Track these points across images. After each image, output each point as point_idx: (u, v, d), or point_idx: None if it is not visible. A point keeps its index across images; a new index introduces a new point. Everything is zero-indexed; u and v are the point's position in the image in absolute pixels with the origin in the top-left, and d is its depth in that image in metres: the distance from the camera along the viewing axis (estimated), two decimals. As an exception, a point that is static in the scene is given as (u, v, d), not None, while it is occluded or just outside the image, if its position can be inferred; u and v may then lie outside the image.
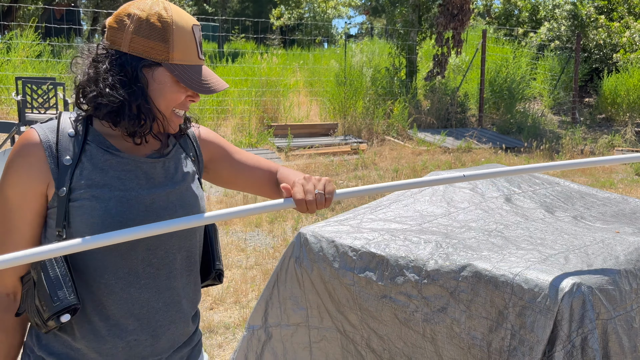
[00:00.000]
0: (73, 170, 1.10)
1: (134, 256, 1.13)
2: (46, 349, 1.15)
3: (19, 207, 1.11)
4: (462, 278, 1.55)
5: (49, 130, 1.13)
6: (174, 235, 1.17)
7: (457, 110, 11.14)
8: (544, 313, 1.35)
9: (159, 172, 1.19)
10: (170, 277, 1.19)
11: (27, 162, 1.10)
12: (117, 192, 1.12)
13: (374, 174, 7.40)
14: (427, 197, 2.34)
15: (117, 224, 1.10)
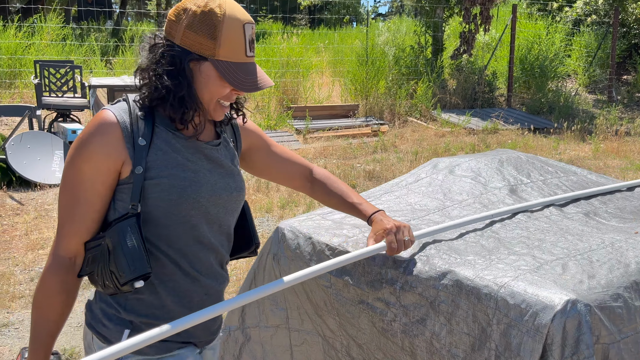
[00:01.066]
0: (147, 151, 1.21)
1: (200, 228, 1.28)
2: (133, 312, 1.26)
3: (92, 180, 1.20)
4: (442, 287, 1.35)
5: (122, 111, 1.23)
6: (227, 212, 1.33)
7: (484, 90, 10.70)
8: (532, 334, 1.14)
9: (217, 156, 1.32)
10: (222, 246, 1.36)
11: (104, 140, 1.19)
12: (189, 173, 1.25)
13: (393, 157, 7.15)
14: (423, 187, 2.13)
15: (191, 200, 1.24)
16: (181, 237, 1.26)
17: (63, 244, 1.22)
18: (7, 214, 5.07)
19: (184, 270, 1.29)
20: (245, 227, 1.47)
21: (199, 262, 1.31)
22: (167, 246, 1.26)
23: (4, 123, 8.05)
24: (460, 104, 10.32)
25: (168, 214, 1.23)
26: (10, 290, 3.68)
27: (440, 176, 2.21)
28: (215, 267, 1.35)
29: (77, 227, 1.21)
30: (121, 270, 1.16)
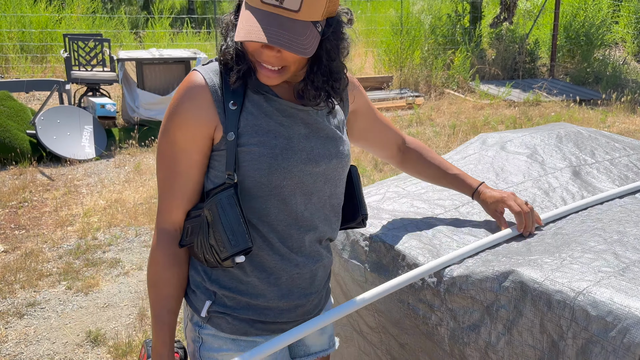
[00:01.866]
0: (239, 116, 1.12)
1: (293, 201, 1.15)
2: (217, 283, 1.19)
3: (187, 149, 1.12)
4: (502, 289, 1.13)
5: (213, 73, 1.14)
6: (328, 182, 1.20)
7: (525, 60, 10.18)
8: (620, 355, 0.92)
9: (316, 119, 1.19)
10: (322, 220, 1.22)
11: (194, 105, 1.11)
12: (281, 139, 1.13)
13: (429, 130, 6.85)
14: (471, 164, 1.89)
15: (282, 170, 1.12)
16: (272, 210, 1.14)
17: (166, 217, 1.18)
18: (37, 189, 5.04)
19: (274, 247, 1.17)
20: (351, 196, 1.33)
21: (290, 238, 1.17)
22: (258, 219, 1.15)
23: (37, 98, 8.05)
24: (500, 74, 9.86)
25: (259, 185, 1.12)
26: (38, 269, 3.63)
27: (490, 152, 1.97)
28: (311, 243, 1.21)
29: (178, 199, 1.16)
30: (221, 244, 1.09)
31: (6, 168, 5.49)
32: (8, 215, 4.49)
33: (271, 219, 1.15)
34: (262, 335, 1.21)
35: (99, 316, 3.11)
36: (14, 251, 3.88)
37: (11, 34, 9.17)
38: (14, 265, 3.64)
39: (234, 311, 1.19)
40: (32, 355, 2.75)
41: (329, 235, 1.25)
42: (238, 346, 1.20)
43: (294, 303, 1.22)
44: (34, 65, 9.12)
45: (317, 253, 1.23)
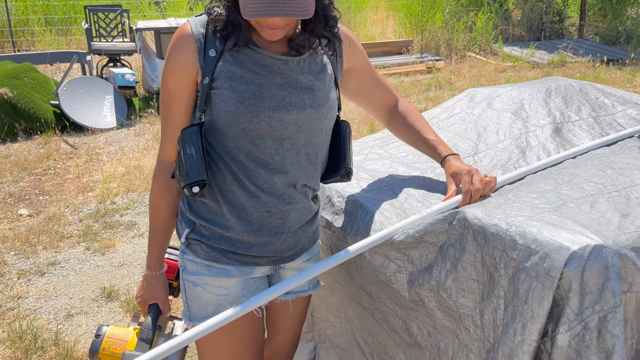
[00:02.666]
0: (216, 62, 1.21)
1: (262, 144, 1.23)
2: (196, 214, 1.31)
3: (175, 93, 1.25)
4: (451, 228, 1.18)
5: (200, 24, 1.24)
6: (301, 130, 1.25)
7: (552, 20, 9.86)
8: (541, 280, 0.96)
9: (293, 70, 1.25)
10: (295, 167, 1.28)
11: (181, 52, 1.22)
12: (251, 86, 1.21)
13: (448, 94, 6.77)
14: (455, 124, 1.91)
15: (248, 113, 1.20)
16: (242, 150, 1.24)
17: (163, 150, 1.33)
18: (61, 157, 5.24)
19: (243, 184, 1.26)
20: (337, 150, 1.39)
21: (260, 178, 1.26)
22: (229, 157, 1.25)
23: (61, 70, 8.26)
24: (525, 35, 9.59)
25: (229, 126, 1.22)
26: (60, 231, 3.81)
27: (476, 110, 1.97)
28: (281, 186, 1.28)
29: (170, 135, 1.30)
30: (181, 175, 1.22)
31: (32, 137, 5.71)
32: (33, 182, 4.70)
33: (242, 158, 1.24)
34: (233, 265, 1.32)
35: (114, 274, 3.28)
36: (37, 215, 4.08)
37: (36, 8, 9.36)
38: (37, 228, 3.84)
39: (209, 240, 1.30)
40: (51, 309, 2.94)
41: (304, 182, 1.32)
42: (211, 272, 1.32)
43: (264, 240, 1.31)
44: (58, 38, 9.32)
45: (289, 196, 1.30)
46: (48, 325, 2.79)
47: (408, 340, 1.41)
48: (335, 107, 1.33)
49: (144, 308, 1.45)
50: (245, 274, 1.34)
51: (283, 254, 1.36)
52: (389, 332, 1.50)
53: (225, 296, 1.33)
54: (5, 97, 5.57)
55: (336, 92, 1.34)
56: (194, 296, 1.34)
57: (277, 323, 1.55)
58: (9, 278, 3.23)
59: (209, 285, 1.32)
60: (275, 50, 1.25)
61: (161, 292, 1.43)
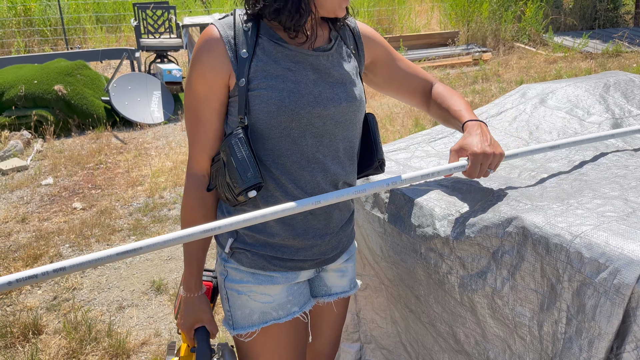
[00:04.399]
0: (250, 62, 1.18)
1: (303, 143, 1.21)
2: None
3: (207, 98, 1.21)
4: (506, 235, 1.14)
5: (227, 25, 1.22)
6: (338, 124, 1.25)
7: (607, 8, 9.44)
8: (611, 296, 0.92)
9: (325, 64, 1.24)
10: (335, 163, 1.26)
11: (211, 56, 1.19)
12: (289, 84, 1.19)
13: (495, 87, 6.60)
14: (506, 122, 1.84)
15: (289, 112, 1.18)
16: (284, 151, 1.21)
17: (194, 163, 1.28)
18: (112, 152, 5.39)
19: (286, 189, 1.24)
20: (368, 142, 1.36)
21: (303, 179, 1.23)
22: (271, 161, 1.22)
23: (112, 66, 8.50)
24: (577, 25, 9.22)
25: (270, 127, 1.19)
26: (111, 224, 3.93)
27: (528, 107, 1.90)
28: (324, 185, 1.26)
29: (202, 146, 1.25)
30: (234, 181, 1.17)
31: (84, 133, 5.90)
32: (86, 176, 4.86)
33: (284, 160, 1.22)
34: (279, 271, 1.30)
35: (162, 267, 3.36)
36: (90, 209, 4.22)
37: (87, 6, 9.65)
38: (90, 221, 3.97)
39: (253, 247, 1.28)
40: (104, 300, 3.04)
41: (344, 179, 1.29)
42: (257, 279, 1.30)
43: (309, 242, 1.29)
44: (108, 35, 9.58)
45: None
46: (101, 317, 2.88)
47: (455, 346, 1.38)
48: (364, 99, 1.32)
49: (189, 334, 1.37)
50: (290, 280, 1.32)
51: (327, 256, 1.35)
52: (435, 336, 1.47)
53: (271, 303, 1.31)
54: (59, 94, 5.78)
55: (361, 84, 1.33)
56: (237, 304, 1.32)
57: (320, 325, 1.54)
58: (64, 270, 3.36)
59: (254, 292, 1.30)
60: (306, 46, 1.24)
61: (207, 313, 1.36)
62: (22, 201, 4.36)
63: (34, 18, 9.03)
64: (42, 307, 2.98)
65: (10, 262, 3.42)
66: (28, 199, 4.40)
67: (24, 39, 8.95)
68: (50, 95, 5.76)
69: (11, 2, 9.10)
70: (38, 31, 9.02)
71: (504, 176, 1.48)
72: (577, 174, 1.34)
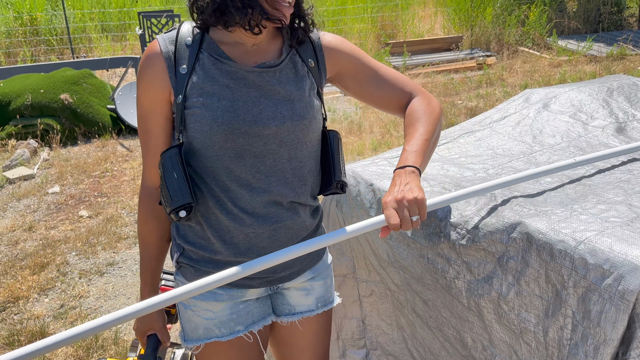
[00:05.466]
0: (188, 79, 1.16)
1: (241, 163, 1.17)
2: (183, 238, 1.27)
3: (152, 113, 1.21)
4: (511, 240, 1.14)
5: (169, 40, 1.19)
6: (283, 144, 1.19)
7: (611, 11, 9.43)
8: (616, 302, 0.92)
9: (270, 81, 1.19)
10: (280, 183, 1.22)
11: (151, 72, 1.18)
12: (224, 102, 1.15)
13: (499, 91, 6.59)
14: (509, 127, 1.85)
15: (223, 132, 1.14)
16: (222, 170, 1.18)
17: (146, 175, 1.28)
18: (117, 160, 5.42)
19: (225, 207, 1.21)
20: (326, 162, 1.31)
21: (242, 198, 1.20)
22: (211, 179, 1.20)
23: (117, 75, 8.55)
24: (581, 28, 9.21)
25: (205, 146, 1.17)
26: (117, 232, 3.95)
27: (531, 112, 1.91)
28: (265, 205, 1.22)
29: (152, 159, 1.25)
30: (166, 200, 1.17)
31: (90, 141, 5.94)
32: (92, 184, 4.89)
33: (223, 179, 1.19)
34: (222, 288, 1.28)
35: (169, 275, 3.37)
36: (96, 216, 4.24)
37: (92, 15, 9.73)
38: (96, 229, 3.99)
39: (197, 264, 1.26)
40: (110, 308, 3.05)
41: (291, 199, 1.24)
42: (200, 295, 1.27)
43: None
44: (114, 44, 9.65)
45: (275, 214, 1.23)
46: (108, 325, 2.90)
47: (462, 352, 1.38)
48: (318, 117, 1.25)
49: (142, 339, 1.38)
50: (235, 298, 1.29)
51: (277, 274, 1.30)
52: (442, 342, 1.47)
53: (213, 320, 1.29)
54: (66, 103, 5.82)
55: (319, 101, 1.26)
56: (185, 318, 1.31)
57: (296, 344, 1.46)
58: (71, 278, 3.37)
59: (198, 308, 1.28)
60: (249, 63, 1.19)
61: (158, 321, 1.36)
62: (29, 210, 4.39)
63: (40, 28, 9.11)
64: (49, 315, 2.99)
65: (18, 270, 3.44)
66: (35, 207, 4.43)
67: (30, 48, 9.03)
68: (56, 104, 5.80)
69: (17, 12, 9.19)
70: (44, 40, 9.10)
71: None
72: (581, 178, 1.34)
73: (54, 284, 3.29)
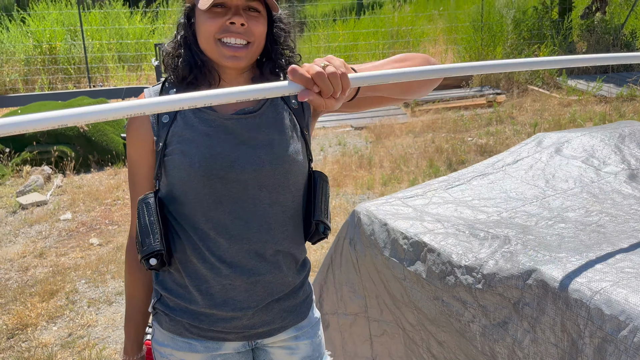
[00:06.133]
0: (169, 128, 1.19)
1: (220, 209, 1.17)
2: (161, 284, 1.26)
3: (138, 163, 1.23)
4: (527, 287, 1.15)
5: (154, 92, 1.24)
6: (263, 188, 1.18)
7: (620, 52, 9.53)
8: (631, 354, 0.92)
9: (249, 127, 1.19)
10: (263, 230, 1.20)
11: (137, 123, 1.21)
12: (202, 149, 1.16)
13: (509, 129, 6.64)
14: (522, 170, 1.87)
15: (200, 177, 1.15)
16: (200, 217, 1.17)
17: (132, 224, 1.27)
18: (127, 188, 5.48)
19: (203, 255, 1.18)
20: (308, 203, 1.26)
21: (220, 247, 1.18)
22: (189, 226, 1.19)
23: (132, 104, 8.71)
24: (591, 68, 9.31)
25: (184, 192, 1.17)
26: (127, 261, 3.97)
27: (544, 156, 1.93)
28: (245, 255, 1.19)
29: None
30: (138, 246, 1.17)
31: (103, 169, 6.02)
32: (103, 212, 4.93)
33: (201, 226, 1.18)
34: (198, 339, 1.24)
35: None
36: (107, 244, 4.27)
37: (110, 45, 9.97)
38: (106, 257, 4.01)
39: (172, 312, 1.23)
40: (118, 339, 3.04)
41: (275, 247, 1.21)
42: (176, 344, 1.24)
43: (229, 314, 1.21)
44: (130, 74, 9.85)
45: (255, 267, 1.20)
46: (115, 355, 2.88)
47: (476, 394, 1.37)
48: (301, 160, 1.22)
49: None
50: (211, 350, 1.24)
51: (254, 330, 1.25)
52: (455, 383, 1.46)
53: None
54: (81, 131, 5.92)
55: (303, 143, 1.24)
56: None
57: None
58: (79, 306, 3.38)
59: (173, 357, 1.25)
60: (229, 110, 1.20)
61: None
62: (41, 236, 4.43)
63: (59, 57, 9.34)
64: (57, 344, 2.99)
65: (27, 297, 3.46)
66: (46, 233, 4.46)
67: (48, 76, 9.24)
68: (72, 131, 5.91)
69: (37, 40, 9.44)
70: (62, 69, 9.31)
71: (520, 224, 1.50)
72: (595, 225, 1.35)
73: (63, 312, 3.30)
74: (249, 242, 1.19)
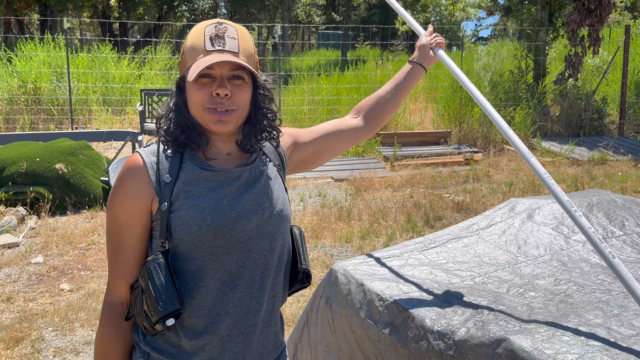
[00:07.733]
0: (173, 186, 1.20)
1: (228, 259, 1.20)
2: (150, 344, 1.23)
3: (128, 224, 1.21)
4: (496, 356, 1.17)
5: (150, 153, 1.25)
6: (264, 237, 1.23)
7: (592, 117, 9.94)
8: None
9: (248, 178, 1.26)
10: (263, 277, 1.24)
11: (134, 182, 1.21)
12: (210, 201, 1.19)
13: (485, 187, 6.78)
14: (495, 235, 1.93)
15: (212, 230, 1.17)
16: (208, 271, 1.19)
17: (113, 291, 1.24)
18: (105, 233, 5.41)
19: (206, 311, 1.20)
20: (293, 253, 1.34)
21: (225, 298, 1.20)
22: (194, 284, 1.19)
23: (114, 147, 8.71)
24: (563, 132, 9.65)
25: (193, 247, 1.18)
26: (97, 308, 3.87)
27: (517, 222, 2.00)
28: (247, 302, 1.23)
29: (122, 272, 1.23)
30: (152, 309, 1.14)
31: (80, 212, 5.94)
32: (77, 256, 4.84)
33: (207, 281, 1.19)
34: None
35: None
36: (78, 290, 4.17)
37: (95, 88, 10.04)
38: (76, 304, 3.91)
39: None
40: (83, 391, 2.94)
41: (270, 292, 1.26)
42: None
43: None
44: (113, 117, 9.89)
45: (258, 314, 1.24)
46: (79, 409, 2.78)
47: None
48: (289, 208, 1.32)
49: None
50: None
51: None
52: None
53: None
54: (60, 173, 5.88)
55: (286, 195, 1.34)
56: None
57: None
58: (45, 355, 3.27)
59: None
60: (230, 166, 1.26)
61: None
62: (10, 279, 4.31)
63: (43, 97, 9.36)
64: (19, 395, 2.87)
65: (-9, 344, 3.34)
66: (16, 277, 4.35)
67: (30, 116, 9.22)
68: (50, 173, 5.86)
69: (23, 80, 9.47)
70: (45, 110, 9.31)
71: (493, 291, 1.53)
72: (563, 295, 1.40)
73: (27, 361, 3.19)
74: (250, 290, 1.23)
